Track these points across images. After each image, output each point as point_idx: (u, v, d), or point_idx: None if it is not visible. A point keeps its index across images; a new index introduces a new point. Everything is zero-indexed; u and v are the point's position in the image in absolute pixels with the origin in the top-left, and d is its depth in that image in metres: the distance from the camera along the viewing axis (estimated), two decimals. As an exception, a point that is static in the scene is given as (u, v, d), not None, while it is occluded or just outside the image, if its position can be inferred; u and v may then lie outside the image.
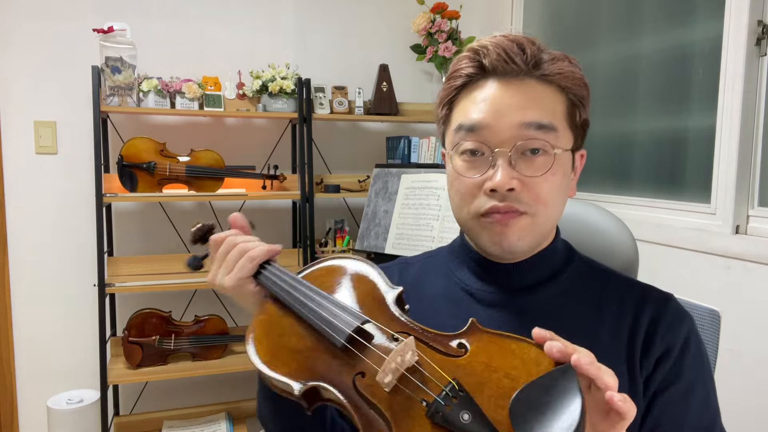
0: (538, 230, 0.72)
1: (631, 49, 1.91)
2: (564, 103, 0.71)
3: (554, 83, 0.71)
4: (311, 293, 0.68)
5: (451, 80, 0.74)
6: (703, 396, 0.71)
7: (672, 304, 0.74)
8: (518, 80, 0.70)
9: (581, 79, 0.73)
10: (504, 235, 0.70)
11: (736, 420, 1.43)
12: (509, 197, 0.68)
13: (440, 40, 2.48)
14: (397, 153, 2.52)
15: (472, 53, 0.72)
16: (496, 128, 0.68)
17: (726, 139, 1.52)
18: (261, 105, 2.31)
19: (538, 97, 0.70)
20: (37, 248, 2.26)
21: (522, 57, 0.69)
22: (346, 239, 2.50)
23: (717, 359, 0.95)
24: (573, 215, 0.97)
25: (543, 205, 0.70)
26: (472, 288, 0.78)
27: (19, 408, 2.30)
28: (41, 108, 2.23)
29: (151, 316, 2.18)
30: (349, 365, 0.61)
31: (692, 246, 1.57)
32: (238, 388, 2.55)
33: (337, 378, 0.60)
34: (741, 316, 1.43)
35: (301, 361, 0.63)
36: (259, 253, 0.73)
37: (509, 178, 0.67)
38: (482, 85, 0.71)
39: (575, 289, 0.76)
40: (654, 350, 0.71)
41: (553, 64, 0.71)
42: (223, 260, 0.74)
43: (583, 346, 0.71)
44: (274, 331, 0.67)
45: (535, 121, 0.68)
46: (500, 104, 0.69)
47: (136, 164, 2.11)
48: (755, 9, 1.45)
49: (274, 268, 0.73)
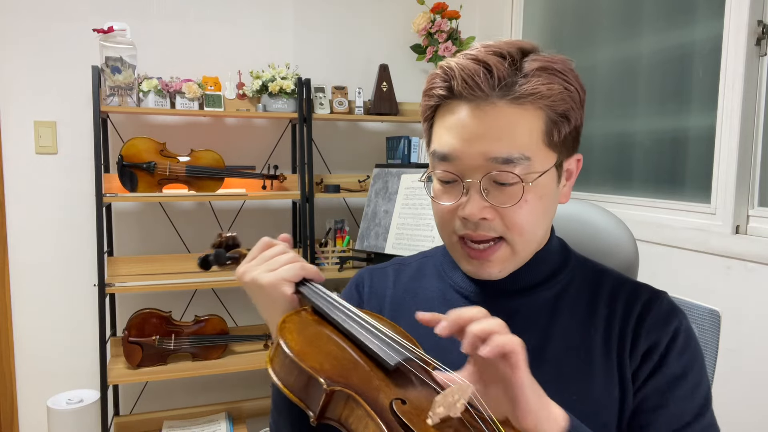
0: (519, 257, 0.72)
1: (631, 49, 1.91)
2: (542, 123, 0.67)
3: (529, 104, 0.66)
4: (359, 315, 0.67)
5: (426, 98, 0.73)
6: (687, 389, 0.70)
7: (661, 301, 0.74)
8: (488, 105, 0.66)
9: (563, 92, 0.67)
10: (483, 268, 0.71)
11: (736, 420, 1.44)
12: (482, 226, 0.68)
13: (440, 40, 2.48)
14: (397, 153, 2.52)
15: (442, 72, 0.69)
16: (465, 159, 0.67)
17: (726, 139, 1.51)
18: (261, 105, 2.31)
19: (509, 124, 0.66)
20: (37, 248, 2.26)
21: (488, 82, 0.65)
22: (346, 239, 2.50)
23: (717, 359, 0.95)
24: (573, 215, 0.97)
25: (518, 232, 0.69)
26: (466, 291, 0.78)
27: (19, 408, 2.30)
28: (41, 108, 2.23)
29: (151, 316, 2.18)
30: (389, 388, 0.58)
31: (692, 246, 1.57)
32: (238, 388, 2.55)
33: (373, 395, 0.56)
34: (741, 316, 1.43)
35: (336, 365, 0.59)
36: (313, 267, 0.74)
37: (480, 209, 0.67)
38: (454, 108, 0.68)
39: (570, 290, 0.76)
40: (640, 345, 0.71)
41: (527, 82, 0.65)
42: (268, 260, 0.73)
43: (575, 348, 0.72)
44: (309, 332, 0.65)
45: (502, 156, 0.65)
46: (469, 133, 0.66)
47: (136, 164, 2.11)
48: (755, 9, 1.45)
49: (318, 286, 0.73)
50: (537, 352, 0.71)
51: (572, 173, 0.75)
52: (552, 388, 0.61)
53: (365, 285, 0.86)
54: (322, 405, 0.56)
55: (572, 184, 0.76)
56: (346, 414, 0.56)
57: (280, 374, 0.60)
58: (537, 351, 0.72)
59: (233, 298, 2.51)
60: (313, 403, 0.57)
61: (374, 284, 0.86)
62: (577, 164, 0.76)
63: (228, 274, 2.23)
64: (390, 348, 0.62)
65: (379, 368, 0.60)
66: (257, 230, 2.53)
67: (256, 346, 2.35)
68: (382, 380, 0.59)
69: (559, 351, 0.72)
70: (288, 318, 0.67)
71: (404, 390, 0.58)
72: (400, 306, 0.82)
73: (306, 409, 0.57)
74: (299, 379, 0.58)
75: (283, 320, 0.66)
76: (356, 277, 0.88)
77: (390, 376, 0.59)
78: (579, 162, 0.76)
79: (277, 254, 0.74)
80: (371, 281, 0.86)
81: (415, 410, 0.55)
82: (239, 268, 0.74)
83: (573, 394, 0.69)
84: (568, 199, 0.77)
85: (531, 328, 0.73)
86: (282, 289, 0.71)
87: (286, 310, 0.71)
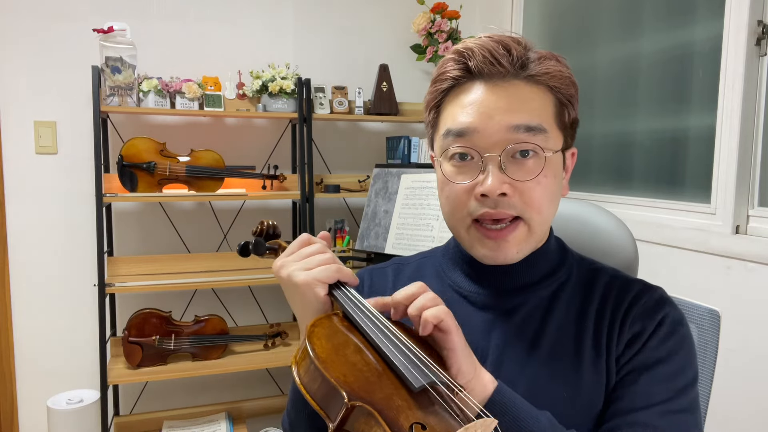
0: (535, 238, 0.72)
1: (631, 49, 1.91)
2: (553, 103, 0.70)
3: (542, 83, 0.70)
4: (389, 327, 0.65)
5: (437, 83, 0.74)
6: (664, 373, 0.69)
7: (651, 293, 0.74)
8: (505, 82, 0.69)
9: (569, 77, 0.71)
10: (501, 249, 0.70)
11: (736, 420, 1.44)
12: (501, 203, 0.68)
13: (440, 40, 2.48)
14: (397, 153, 2.52)
15: (457, 55, 0.71)
16: (485, 132, 0.67)
17: (726, 139, 1.51)
18: (261, 105, 2.31)
19: (527, 98, 0.68)
20: (37, 248, 2.26)
21: (508, 58, 0.68)
22: (346, 239, 2.50)
23: (717, 359, 0.95)
24: (573, 215, 0.97)
25: (536, 210, 0.69)
26: (465, 291, 0.78)
27: (19, 408, 2.30)
28: (41, 108, 2.23)
29: (151, 316, 2.18)
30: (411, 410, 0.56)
31: (692, 246, 1.57)
32: (238, 388, 2.55)
33: (393, 415, 0.55)
34: (741, 316, 1.43)
35: (360, 378, 0.58)
36: (348, 271, 0.73)
37: (500, 183, 0.67)
38: (469, 88, 0.70)
39: (566, 288, 0.76)
40: (625, 333, 0.71)
41: (540, 64, 0.69)
42: (305, 257, 0.72)
43: (568, 347, 0.73)
44: (338, 339, 0.63)
45: (524, 123, 0.67)
46: (488, 107, 0.68)
47: (136, 164, 2.11)
48: (755, 9, 1.45)
49: (352, 291, 0.71)
50: (532, 347, 0.72)
51: (569, 167, 0.77)
52: (544, 382, 0.61)
53: (365, 285, 0.86)
54: (341, 418, 0.55)
55: (568, 178, 0.77)
56: (365, 429, 0.55)
57: (304, 379, 0.60)
58: (532, 346, 0.72)
59: (233, 298, 2.51)
60: (333, 414, 0.56)
61: (374, 284, 0.86)
62: (573, 159, 0.77)
63: (228, 275, 2.23)
64: (416, 369, 0.60)
65: (404, 387, 0.59)
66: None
67: (256, 346, 2.35)
68: (404, 400, 0.57)
69: (551, 345, 0.72)
70: (318, 322, 0.65)
71: (425, 414, 0.56)
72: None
73: (326, 419, 0.57)
74: (322, 388, 0.58)
75: (313, 323, 0.65)
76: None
77: (413, 398, 0.58)
78: (574, 156, 0.77)
79: (314, 252, 0.72)
80: (371, 281, 0.86)
81: None
82: (277, 261, 0.73)
83: (565, 387, 0.70)
84: (567, 192, 0.77)
85: (528, 325, 0.74)
86: (315, 290, 0.69)
87: (317, 310, 0.70)
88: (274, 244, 0.84)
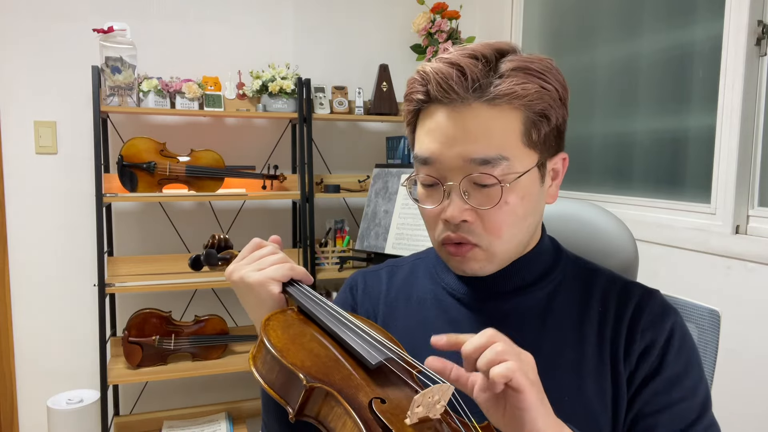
0: (498, 259, 0.72)
1: (631, 49, 1.91)
2: (519, 123, 0.67)
3: (505, 104, 0.66)
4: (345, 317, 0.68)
5: (407, 103, 0.74)
6: (688, 388, 0.70)
7: (654, 300, 0.74)
8: (465, 107, 0.66)
9: (539, 91, 0.67)
10: (464, 266, 0.72)
11: (736, 420, 1.44)
12: (462, 228, 0.69)
13: (440, 40, 2.48)
14: (397, 153, 2.52)
15: (419, 77, 0.70)
16: (444, 162, 0.68)
17: (726, 139, 1.51)
18: (261, 105, 2.31)
19: (485, 126, 0.66)
20: (37, 248, 2.26)
21: (462, 84, 0.65)
22: (346, 239, 2.50)
23: (717, 359, 0.95)
24: (573, 215, 0.97)
25: (495, 236, 0.69)
26: (458, 292, 0.78)
27: (19, 408, 2.30)
28: (41, 108, 2.23)
29: (151, 316, 2.18)
30: (370, 387, 0.58)
31: (692, 246, 1.57)
32: (238, 388, 2.55)
33: (352, 393, 0.57)
34: (741, 316, 1.43)
35: (317, 363, 0.60)
36: (302, 269, 0.76)
37: (461, 211, 0.68)
38: (432, 113, 0.69)
39: (562, 290, 0.76)
40: (635, 347, 0.71)
41: (502, 83, 0.66)
42: (257, 259, 0.75)
43: (567, 347, 0.72)
44: (293, 330, 0.65)
45: (479, 156, 0.66)
46: (446, 136, 0.67)
47: (136, 164, 2.11)
48: (755, 9, 1.45)
49: (306, 287, 0.74)
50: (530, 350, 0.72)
51: (558, 172, 0.75)
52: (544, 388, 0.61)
53: (359, 287, 0.86)
54: (301, 402, 0.56)
55: (559, 184, 0.76)
56: (325, 411, 0.56)
57: (262, 371, 0.61)
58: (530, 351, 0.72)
59: (233, 298, 2.51)
60: (293, 400, 0.57)
61: (368, 287, 0.86)
62: (563, 163, 0.75)
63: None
64: (372, 347, 0.62)
65: (361, 367, 0.61)
66: (257, 230, 2.53)
67: (256, 346, 2.35)
68: (363, 379, 0.59)
69: (551, 350, 0.72)
70: (273, 316, 0.67)
71: (384, 389, 0.58)
72: (393, 308, 0.82)
73: (285, 406, 0.58)
74: (280, 376, 0.59)
75: (268, 318, 0.66)
76: (350, 279, 0.89)
77: (371, 376, 0.60)
78: (565, 161, 0.75)
79: (266, 254, 0.75)
80: (365, 284, 0.87)
81: (395, 410, 0.56)
82: (228, 267, 0.76)
83: (565, 393, 0.69)
84: (556, 198, 0.76)
85: (524, 329, 0.73)
86: (269, 288, 0.72)
87: (272, 309, 0.71)
88: (227, 254, 0.86)
